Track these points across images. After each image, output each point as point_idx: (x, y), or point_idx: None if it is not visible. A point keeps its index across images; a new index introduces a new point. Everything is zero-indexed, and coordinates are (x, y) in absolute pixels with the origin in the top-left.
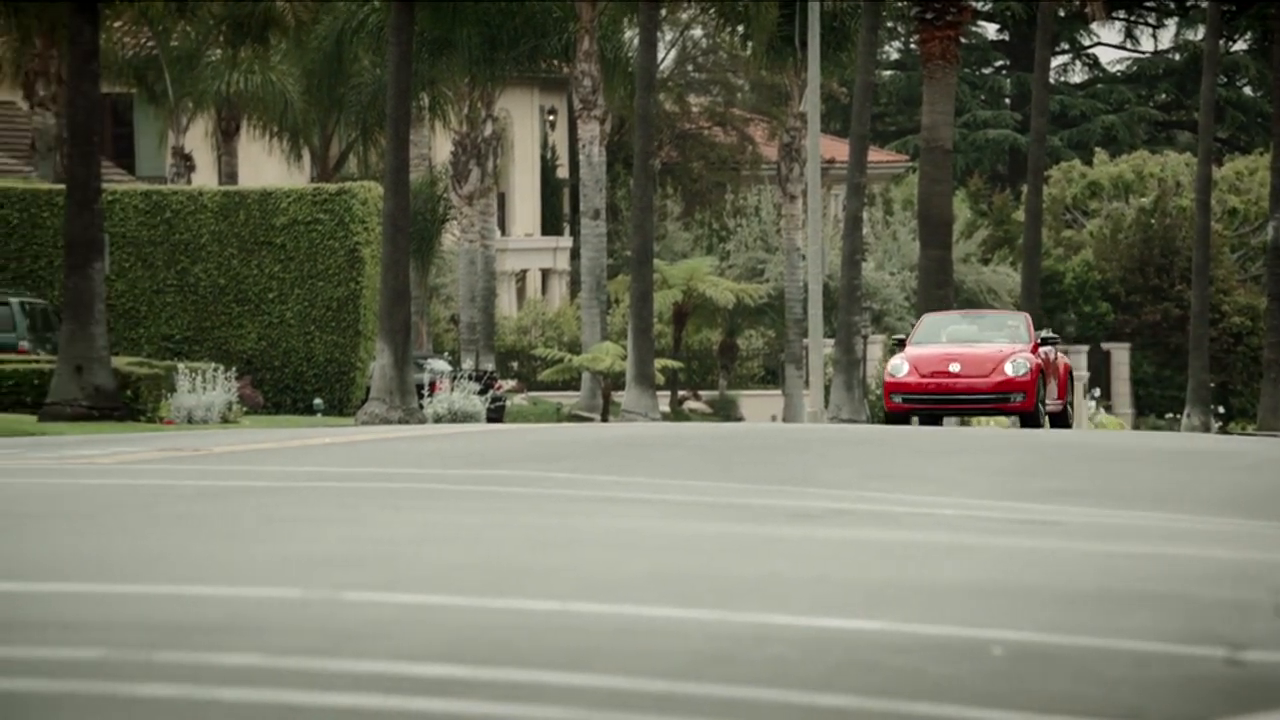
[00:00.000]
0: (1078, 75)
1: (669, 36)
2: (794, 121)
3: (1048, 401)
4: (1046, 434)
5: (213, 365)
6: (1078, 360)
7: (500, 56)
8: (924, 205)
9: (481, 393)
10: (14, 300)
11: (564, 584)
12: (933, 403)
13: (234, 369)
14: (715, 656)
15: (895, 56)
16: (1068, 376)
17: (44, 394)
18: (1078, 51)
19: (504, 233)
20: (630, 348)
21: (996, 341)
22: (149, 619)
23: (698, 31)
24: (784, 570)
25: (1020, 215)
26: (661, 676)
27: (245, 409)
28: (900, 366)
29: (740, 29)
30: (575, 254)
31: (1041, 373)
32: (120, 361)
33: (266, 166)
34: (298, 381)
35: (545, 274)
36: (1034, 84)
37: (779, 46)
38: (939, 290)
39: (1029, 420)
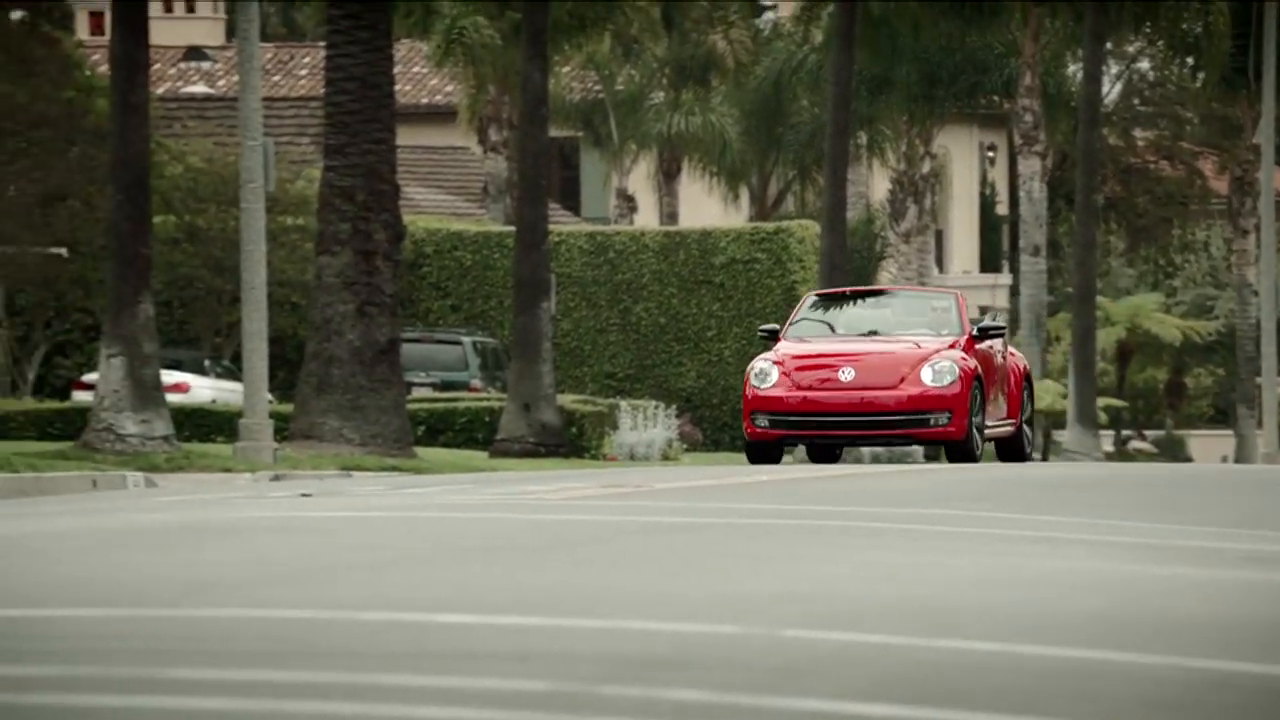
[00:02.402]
0: None
1: (1114, 70)
2: (1246, 154)
3: (990, 422)
4: None
5: (653, 403)
6: None
7: (939, 93)
8: None
9: None
10: (466, 339)
11: (1004, 624)
12: (813, 426)
13: (674, 406)
14: (1166, 702)
15: None
16: (1024, 383)
17: (494, 431)
18: None
19: (941, 270)
20: (1071, 386)
21: (912, 333)
22: (595, 652)
23: (1145, 64)
24: (1239, 614)
25: None
26: None
27: (685, 446)
28: (766, 373)
29: (1190, 60)
30: (1014, 291)
31: (978, 381)
32: (566, 399)
33: (706, 206)
34: (736, 419)
35: (983, 311)
36: None
37: (1231, 78)
38: None
39: (958, 452)
